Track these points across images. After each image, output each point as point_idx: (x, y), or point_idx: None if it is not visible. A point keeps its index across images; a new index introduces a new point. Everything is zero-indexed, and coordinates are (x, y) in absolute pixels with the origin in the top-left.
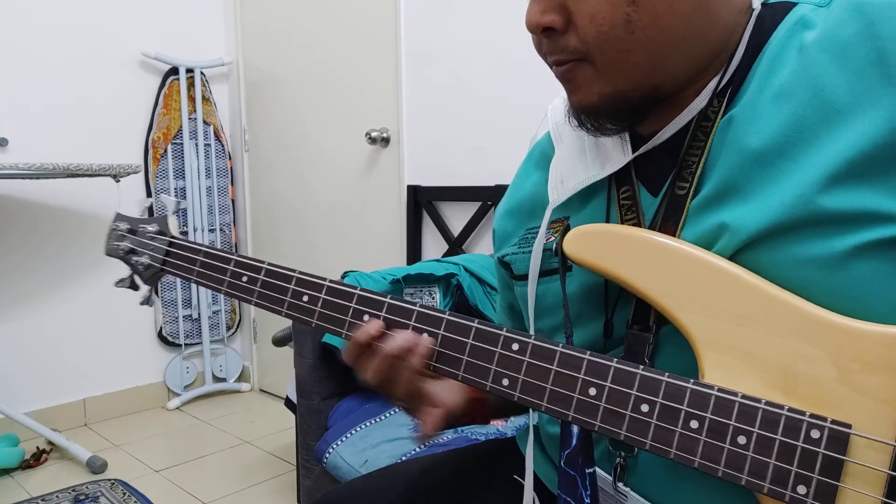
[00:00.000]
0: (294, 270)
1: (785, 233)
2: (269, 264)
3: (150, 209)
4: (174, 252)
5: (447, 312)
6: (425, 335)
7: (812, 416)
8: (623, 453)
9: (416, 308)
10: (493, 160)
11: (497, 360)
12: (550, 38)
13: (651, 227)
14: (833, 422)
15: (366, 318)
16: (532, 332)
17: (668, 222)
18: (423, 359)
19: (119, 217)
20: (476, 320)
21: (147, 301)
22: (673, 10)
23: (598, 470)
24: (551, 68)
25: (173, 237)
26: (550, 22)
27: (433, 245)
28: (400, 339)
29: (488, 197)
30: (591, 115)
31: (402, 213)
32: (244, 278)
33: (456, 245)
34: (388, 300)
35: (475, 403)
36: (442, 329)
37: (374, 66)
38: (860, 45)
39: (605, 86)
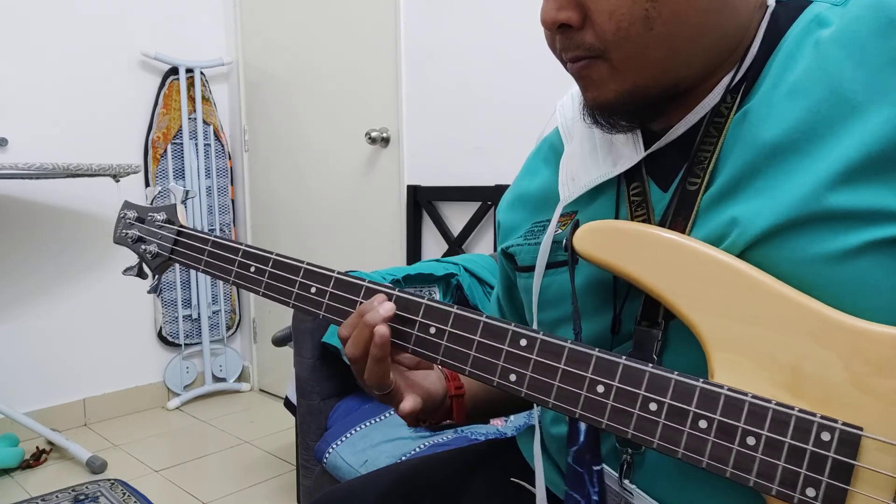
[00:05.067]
0: (302, 262)
1: (795, 228)
2: (277, 255)
3: (155, 199)
4: (182, 241)
5: (455, 307)
6: (383, 326)
7: (823, 417)
8: (630, 450)
9: (425, 301)
10: (493, 160)
11: (504, 356)
12: (566, 34)
13: (661, 223)
14: (844, 424)
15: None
16: (535, 324)
17: (678, 217)
18: (382, 345)
19: (127, 205)
20: (484, 315)
21: (154, 290)
22: (693, 4)
23: (604, 466)
24: (564, 65)
25: (182, 226)
26: (567, 18)
27: (433, 245)
28: (383, 308)
29: (488, 197)
30: (605, 112)
31: (402, 213)
32: (252, 269)
33: (456, 245)
34: (396, 293)
35: (454, 400)
36: (449, 324)
37: (374, 66)
38: (879, 42)
39: (621, 83)
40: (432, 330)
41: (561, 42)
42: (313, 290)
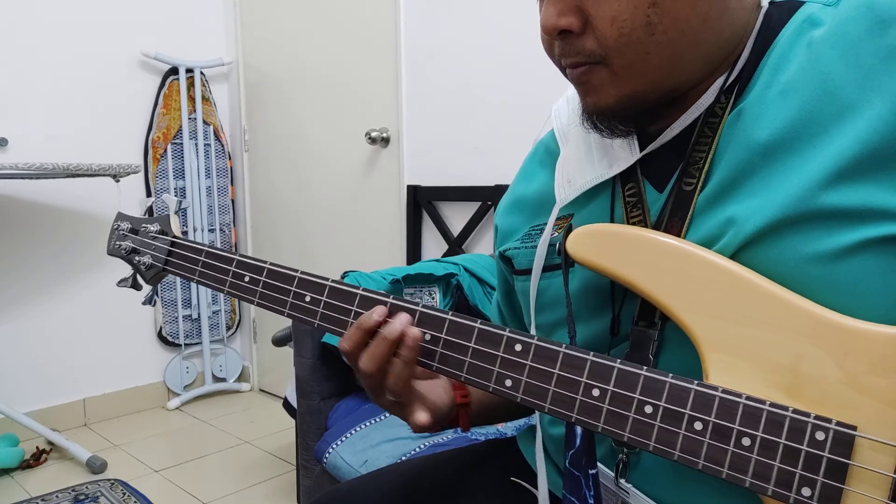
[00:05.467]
0: (296, 271)
1: (789, 227)
2: (272, 264)
3: (150, 209)
4: (176, 252)
5: (450, 313)
6: (414, 329)
7: (817, 417)
8: (626, 450)
9: (419, 308)
10: (493, 160)
11: (500, 361)
12: (566, 40)
13: (657, 224)
14: (838, 423)
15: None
16: (532, 327)
17: (674, 218)
18: (415, 347)
19: (121, 216)
20: (479, 321)
21: (149, 301)
22: (694, 11)
23: (600, 466)
24: (563, 71)
25: (175, 237)
26: (568, 24)
27: (433, 245)
28: (399, 321)
29: (488, 197)
30: (605, 117)
31: (402, 213)
32: (246, 278)
33: (456, 245)
34: (390, 300)
35: (460, 409)
36: (444, 331)
37: (374, 66)
38: (870, 41)
39: (622, 88)
40: (427, 337)
41: (561, 48)
42: (308, 298)
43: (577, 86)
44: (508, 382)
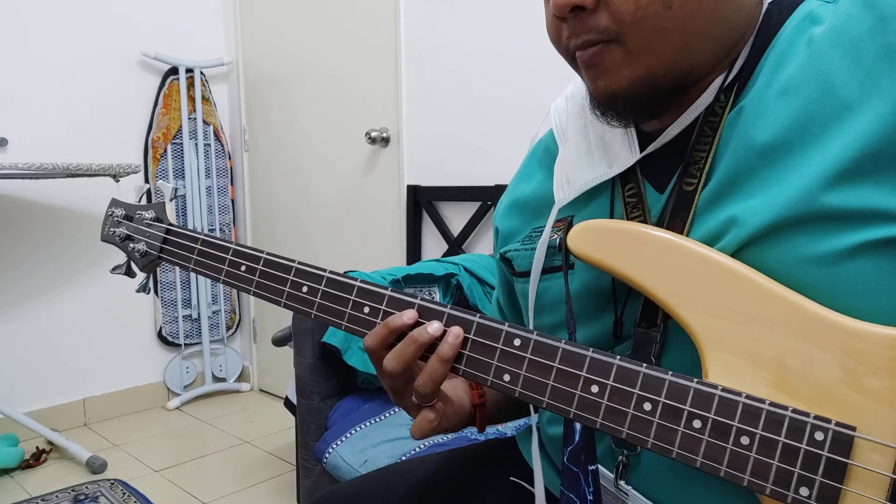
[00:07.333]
0: (293, 261)
1: (789, 228)
2: (269, 254)
3: (149, 194)
4: (171, 239)
5: (448, 306)
6: (456, 327)
7: (816, 417)
8: (626, 452)
9: (417, 301)
10: (493, 160)
11: (498, 355)
12: (578, 17)
13: (658, 224)
14: (837, 424)
15: (366, 310)
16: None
17: (675, 219)
18: (456, 344)
19: (115, 203)
20: (478, 315)
21: (143, 288)
22: None
23: (599, 467)
24: (570, 57)
25: (171, 224)
26: (581, 0)
27: (433, 245)
28: (433, 326)
29: (488, 197)
30: (616, 102)
31: (402, 213)
32: (242, 267)
33: (456, 245)
34: (388, 293)
35: (477, 409)
36: (443, 323)
37: (374, 66)
38: (870, 40)
39: (636, 69)
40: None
41: (572, 27)
42: (305, 289)
43: (587, 69)
44: (507, 377)
